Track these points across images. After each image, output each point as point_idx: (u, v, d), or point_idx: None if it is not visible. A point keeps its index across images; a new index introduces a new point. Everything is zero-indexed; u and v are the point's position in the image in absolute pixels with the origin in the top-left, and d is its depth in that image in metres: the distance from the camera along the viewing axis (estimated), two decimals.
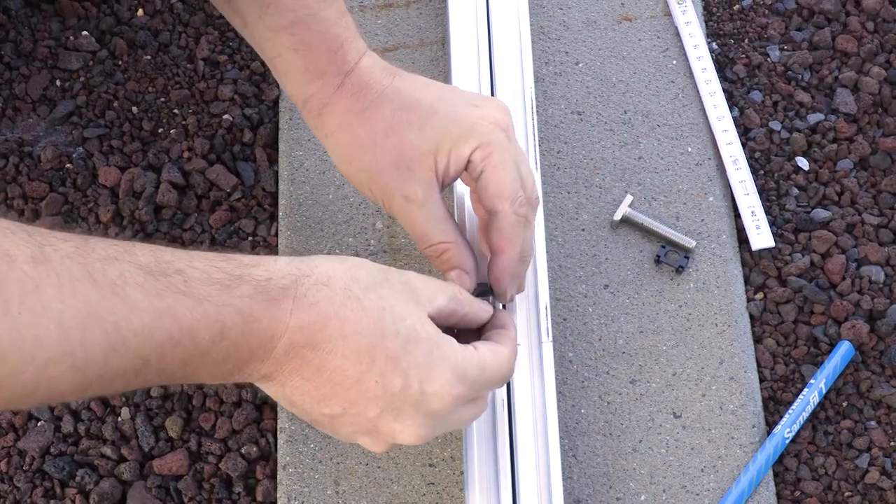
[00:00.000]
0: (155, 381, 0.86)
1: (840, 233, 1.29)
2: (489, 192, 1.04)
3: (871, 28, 1.42)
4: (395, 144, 1.04)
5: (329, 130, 1.07)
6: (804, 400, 1.19)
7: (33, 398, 0.78)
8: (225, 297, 0.86)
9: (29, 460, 1.22)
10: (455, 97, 1.07)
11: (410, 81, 1.07)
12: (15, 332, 0.74)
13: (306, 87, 1.07)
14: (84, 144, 1.36)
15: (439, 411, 0.95)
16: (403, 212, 1.06)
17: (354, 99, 1.06)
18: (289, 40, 1.05)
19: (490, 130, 1.04)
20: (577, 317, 1.24)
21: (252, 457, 1.20)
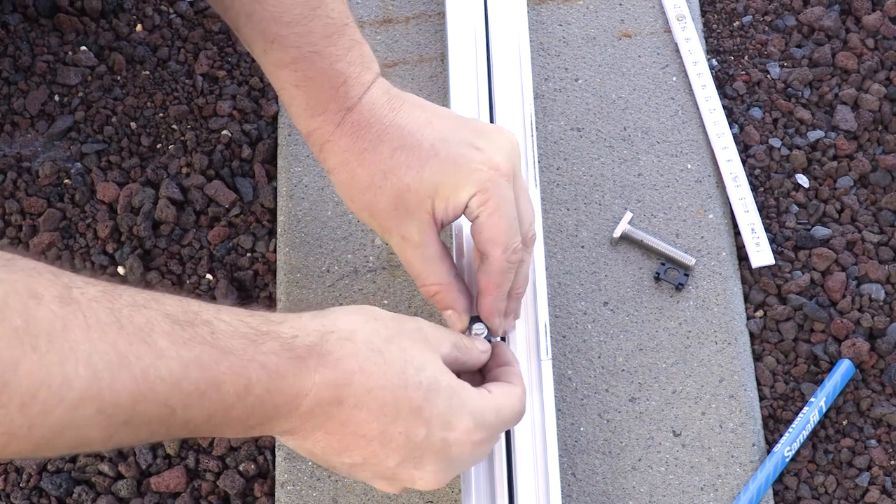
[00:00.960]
0: (178, 434, 0.85)
1: (840, 250, 1.29)
2: (483, 237, 1.04)
3: (871, 45, 1.42)
4: (393, 186, 1.04)
5: (330, 167, 1.08)
6: (804, 418, 1.19)
7: (61, 442, 0.77)
8: (251, 352, 0.86)
9: (26, 477, 1.21)
10: (457, 137, 1.06)
11: (414, 117, 1.06)
12: (43, 369, 0.74)
13: (308, 122, 1.07)
14: (82, 160, 1.36)
15: (459, 456, 0.97)
16: (400, 250, 1.08)
17: (354, 138, 1.06)
18: (291, 76, 1.05)
19: (488, 177, 1.03)
20: (576, 334, 1.24)
21: (250, 474, 1.20)
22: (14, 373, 0.73)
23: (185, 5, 1.46)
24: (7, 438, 0.74)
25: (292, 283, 1.27)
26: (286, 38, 1.04)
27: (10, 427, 0.74)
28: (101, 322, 0.78)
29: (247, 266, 1.30)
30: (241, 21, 1.05)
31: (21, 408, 0.73)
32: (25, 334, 0.74)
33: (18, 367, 0.73)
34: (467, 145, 1.05)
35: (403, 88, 1.34)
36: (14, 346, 0.73)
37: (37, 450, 0.77)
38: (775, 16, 1.45)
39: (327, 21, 1.04)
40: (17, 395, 0.73)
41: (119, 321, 0.79)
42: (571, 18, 1.42)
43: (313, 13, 1.04)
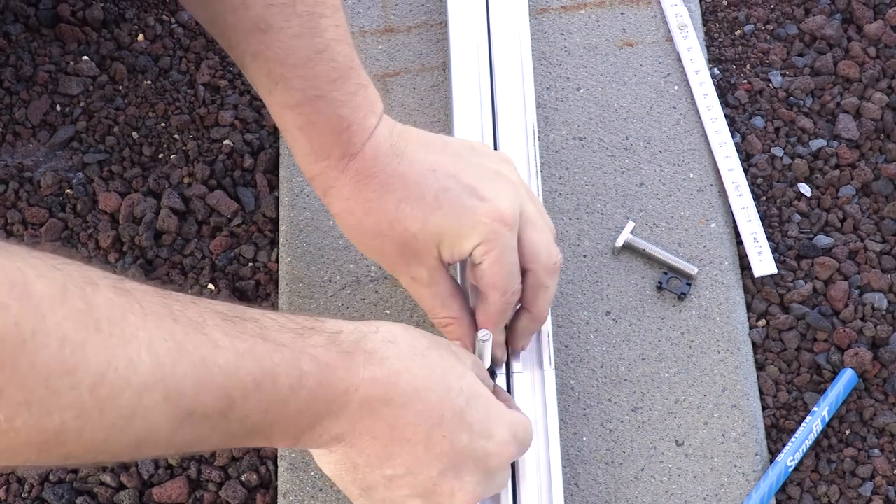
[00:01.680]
0: (237, 432, 0.85)
1: (843, 259, 1.29)
2: (484, 281, 1.07)
3: (872, 53, 1.42)
4: (400, 235, 1.06)
5: (335, 211, 1.09)
6: (807, 428, 1.19)
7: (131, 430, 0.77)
8: (300, 345, 0.87)
9: (28, 487, 1.21)
10: (460, 185, 1.07)
11: (417, 163, 1.07)
12: (109, 351, 0.74)
13: (312, 167, 1.08)
14: (84, 170, 1.36)
15: (496, 469, 0.99)
16: (411, 289, 1.11)
17: (359, 187, 1.07)
18: (296, 119, 1.05)
19: (491, 230, 1.05)
20: (578, 344, 1.24)
21: (252, 484, 1.20)
22: (83, 353, 0.72)
23: (187, 15, 1.46)
24: (81, 422, 0.74)
25: (294, 293, 1.27)
26: (291, 80, 1.04)
27: (83, 410, 0.73)
28: (156, 312, 0.79)
29: (248, 276, 1.30)
30: (246, 60, 1.05)
31: (91, 389, 0.73)
32: (88, 316, 0.73)
33: (86, 348, 0.73)
34: (471, 195, 1.06)
35: (405, 98, 1.35)
36: (80, 327, 0.73)
37: (108, 439, 0.76)
38: (777, 25, 1.45)
39: (332, 65, 1.04)
40: (87, 377, 0.73)
41: (172, 313, 0.80)
42: (573, 28, 1.42)
43: (319, 56, 1.03)
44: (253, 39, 1.03)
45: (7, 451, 0.73)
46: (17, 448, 0.73)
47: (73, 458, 0.77)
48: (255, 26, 1.02)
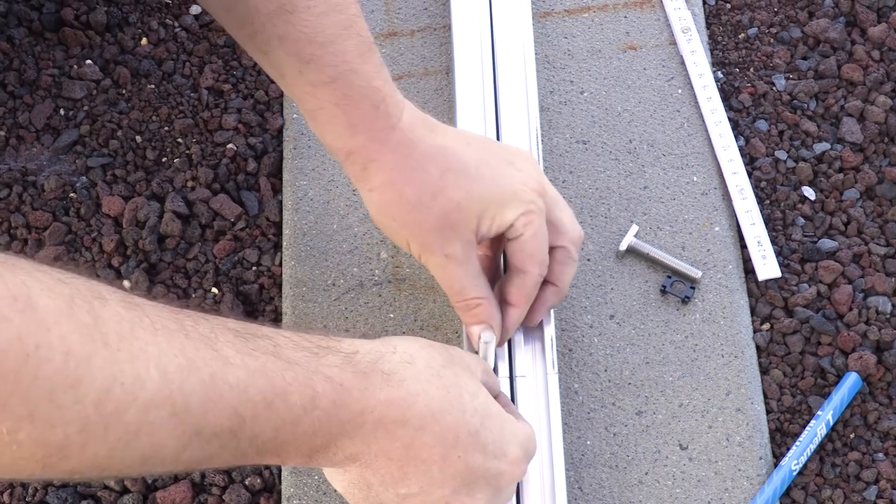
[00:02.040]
0: (246, 452, 0.84)
1: (847, 263, 1.29)
2: (525, 254, 1.09)
3: (876, 57, 1.42)
4: (442, 206, 1.06)
5: (374, 185, 1.07)
6: (811, 432, 1.19)
7: (137, 446, 0.76)
8: (314, 365, 0.87)
9: (32, 492, 1.21)
10: (495, 158, 1.09)
11: (452, 138, 1.09)
12: (116, 365, 0.73)
13: (349, 142, 1.06)
14: (88, 174, 1.36)
15: (506, 487, 0.99)
16: (442, 268, 1.09)
17: (401, 157, 1.06)
18: (331, 95, 1.05)
19: (532, 198, 1.08)
20: (582, 347, 1.23)
21: (256, 489, 1.20)
22: (88, 367, 0.72)
23: (191, 19, 1.46)
24: (84, 437, 0.73)
25: (298, 297, 1.27)
26: (322, 57, 1.03)
27: (87, 424, 0.73)
28: (166, 327, 0.78)
29: (252, 280, 1.30)
30: (272, 44, 1.04)
31: (96, 404, 0.72)
32: (95, 331, 0.73)
33: (91, 362, 0.72)
34: (508, 165, 1.09)
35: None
36: (86, 341, 0.72)
37: (112, 454, 0.76)
38: (781, 28, 1.45)
39: (359, 39, 1.05)
40: (91, 391, 0.72)
41: (184, 328, 0.79)
42: (577, 31, 1.42)
43: (346, 32, 1.04)
44: (279, 20, 1.03)
45: (11, 464, 0.73)
46: (20, 462, 0.72)
47: (78, 472, 0.76)
48: (280, 8, 1.02)
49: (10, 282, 0.70)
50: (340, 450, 0.89)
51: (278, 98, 1.40)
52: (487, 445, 0.95)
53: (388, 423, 0.90)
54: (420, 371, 0.94)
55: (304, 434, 0.86)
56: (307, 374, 0.85)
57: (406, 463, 0.92)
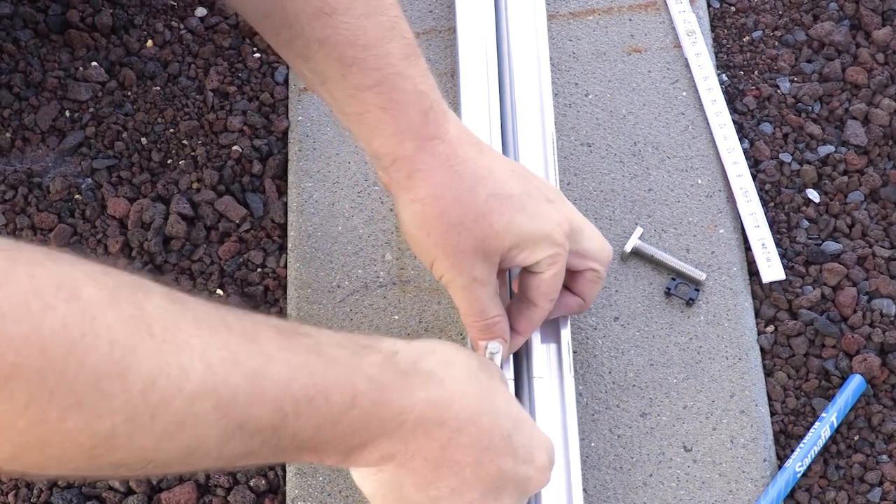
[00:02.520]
0: (286, 448, 0.84)
1: (851, 265, 1.29)
2: (541, 290, 1.10)
3: (881, 60, 1.42)
4: (481, 230, 1.05)
5: (418, 196, 1.05)
6: (815, 434, 1.19)
7: (181, 437, 0.76)
8: (355, 363, 0.87)
9: (37, 493, 1.21)
10: (536, 192, 1.09)
11: (498, 163, 1.08)
12: (161, 356, 0.74)
13: (397, 148, 1.04)
14: (93, 175, 1.36)
15: (531, 493, 0.99)
16: (467, 289, 1.08)
17: (451, 173, 1.05)
18: (376, 99, 1.02)
19: (562, 241, 1.08)
20: (587, 349, 1.24)
21: (260, 490, 1.20)
22: (134, 356, 0.72)
23: (196, 21, 1.46)
24: (131, 427, 0.73)
25: (303, 299, 1.27)
26: (365, 60, 1.01)
27: (134, 414, 0.73)
28: (210, 321, 0.78)
29: (257, 281, 1.30)
30: (311, 49, 1.02)
31: (143, 394, 0.73)
32: (140, 321, 0.73)
33: (137, 352, 0.72)
34: (545, 200, 1.08)
35: None
36: (131, 331, 0.72)
37: (158, 445, 0.76)
38: (785, 31, 1.45)
39: (404, 41, 1.03)
40: (138, 380, 0.72)
41: (226, 323, 0.80)
42: (581, 34, 1.42)
43: (390, 34, 1.02)
44: (318, 24, 1.01)
45: (59, 456, 0.73)
46: (68, 453, 0.73)
47: (124, 465, 0.77)
48: (318, 11, 1.00)
49: (54, 272, 0.70)
50: (378, 449, 0.89)
51: (283, 100, 1.41)
52: (518, 450, 0.95)
53: (427, 423, 0.90)
54: (459, 373, 0.94)
55: (343, 433, 0.86)
56: (348, 373, 0.85)
57: (441, 464, 0.92)
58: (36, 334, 0.68)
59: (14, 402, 0.68)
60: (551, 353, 1.17)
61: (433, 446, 0.91)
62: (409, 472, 0.92)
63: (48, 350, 0.68)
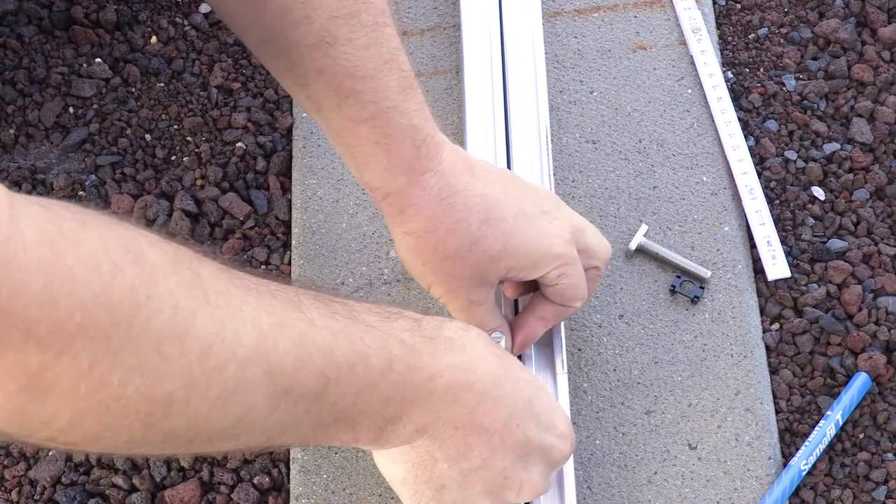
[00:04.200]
0: (326, 418, 0.86)
1: (856, 263, 1.29)
2: (565, 297, 1.11)
3: (886, 57, 1.42)
4: (476, 257, 1.06)
5: (411, 230, 1.06)
6: (821, 432, 1.18)
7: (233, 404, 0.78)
8: (388, 328, 0.89)
9: (40, 490, 1.21)
10: (530, 207, 1.09)
11: (491, 185, 1.08)
12: (217, 322, 0.75)
13: (389, 183, 1.04)
14: (97, 172, 1.36)
15: (557, 462, 1.02)
16: (464, 311, 1.09)
17: (443, 205, 1.05)
18: (371, 132, 1.03)
19: (563, 251, 1.08)
20: (591, 347, 1.23)
21: (264, 487, 1.20)
22: (193, 321, 0.73)
23: (200, 17, 1.46)
24: (188, 392, 0.74)
25: None
26: (363, 92, 1.01)
27: (191, 379, 0.74)
28: (257, 288, 0.80)
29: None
30: (310, 77, 1.02)
31: (200, 358, 0.74)
32: (197, 287, 0.75)
33: (196, 317, 0.74)
34: (542, 215, 1.09)
35: None
36: (190, 295, 0.74)
37: (211, 413, 0.77)
38: (791, 28, 1.45)
39: (401, 75, 1.03)
40: (196, 345, 0.74)
41: (271, 291, 0.81)
42: (586, 31, 1.42)
43: (387, 66, 1.02)
44: (318, 54, 1.00)
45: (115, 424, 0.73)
46: (125, 419, 0.73)
47: (175, 435, 0.77)
48: (320, 40, 1.00)
49: (121, 235, 0.71)
50: (411, 420, 0.91)
51: (287, 97, 1.40)
52: (540, 416, 0.98)
53: (456, 388, 0.92)
54: (476, 339, 0.97)
55: (380, 400, 0.88)
56: (384, 337, 0.88)
57: (470, 432, 0.93)
58: (105, 295, 0.68)
59: (79, 363, 0.68)
60: (545, 352, 1.17)
61: (462, 413, 0.93)
62: (441, 446, 0.93)
63: (115, 311, 0.69)
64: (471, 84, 1.32)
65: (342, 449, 1.19)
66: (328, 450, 1.19)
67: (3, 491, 1.22)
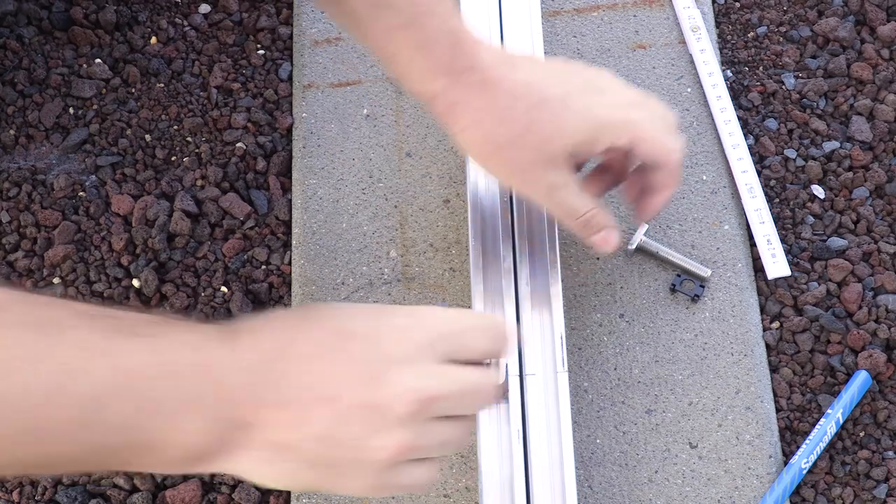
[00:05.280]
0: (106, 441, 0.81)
1: (856, 261, 1.29)
2: (649, 155, 1.12)
3: (886, 56, 1.42)
4: (535, 141, 1.07)
5: (461, 127, 1.09)
6: (821, 430, 1.19)
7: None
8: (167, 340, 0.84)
9: (41, 490, 1.21)
10: (578, 87, 1.10)
11: (535, 73, 1.10)
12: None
13: (431, 85, 1.07)
14: (97, 172, 1.36)
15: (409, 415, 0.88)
16: (548, 196, 1.12)
17: (486, 98, 1.07)
18: (407, 38, 1.06)
19: (621, 117, 1.10)
20: (592, 346, 1.23)
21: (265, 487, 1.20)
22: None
23: (200, 18, 1.46)
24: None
25: (307, 296, 1.27)
26: (397, 2, 1.04)
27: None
28: None
29: (262, 278, 1.30)
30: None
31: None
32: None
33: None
34: (591, 90, 1.10)
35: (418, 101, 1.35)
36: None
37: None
38: (790, 27, 1.45)
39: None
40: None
41: None
42: (586, 30, 1.42)
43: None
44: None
45: None
46: None
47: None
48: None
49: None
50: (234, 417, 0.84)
51: (287, 97, 1.41)
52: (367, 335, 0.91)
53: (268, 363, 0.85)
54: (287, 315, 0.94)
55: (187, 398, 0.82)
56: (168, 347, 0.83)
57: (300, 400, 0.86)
58: None
59: None
60: (545, 350, 1.17)
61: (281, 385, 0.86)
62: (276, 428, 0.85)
63: None
64: None
65: None
66: None
67: (4, 491, 1.22)
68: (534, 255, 1.20)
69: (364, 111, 1.38)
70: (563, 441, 1.12)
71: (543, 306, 1.17)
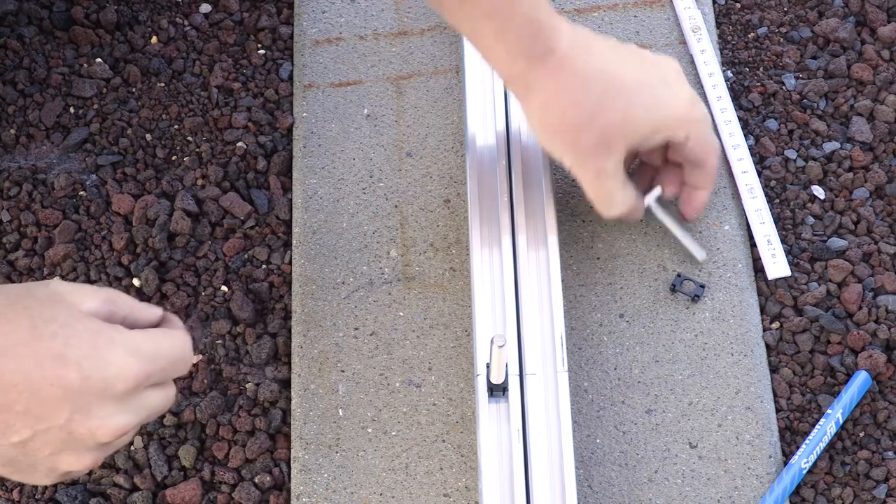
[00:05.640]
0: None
1: (856, 262, 1.29)
2: (695, 154, 1.20)
3: (886, 56, 1.42)
4: (599, 127, 1.13)
5: (536, 107, 1.15)
6: (821, 430, 1.19)
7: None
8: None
9: (41, 489, 1.21)
10: (650, 77, 1.17)
11: (611, 60, 1.15)
12: None
13: (511, 68, 1.14)
14: (97, 172, 1.36)
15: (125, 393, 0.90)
16: (594, 180, 1.18)
17: (563, 81, 1.13)
18: (490, 26, 1.12)
19: (682, 114, 1.17)
20: (592, 346, 1.23)
21: (265, 486, 1.20)
22: None
23: (201, 17, 1.46)
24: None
25: (307, 295, 1.27)
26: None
27: None
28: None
29: (262, 278, 1.30)
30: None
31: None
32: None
33: None
34: (660, 82, 1.17)
35: (418, 101, 1.35)
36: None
37: None
38: (790, 27, 1.45)
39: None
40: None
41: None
42: None
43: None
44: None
45: None
46: None
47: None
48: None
49: None
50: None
51: (288, 97, 1.41)
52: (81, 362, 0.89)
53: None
54: None
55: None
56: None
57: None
58: None
59: None
60: (545, 350, 1.17)
61: None
62: None
63: None
64: (471, 84, 1.32)
65: (343, 448, 1.19)
66: (329, 449, 1.19)
67: (4, 490, 1.22)
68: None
69: (364, 111, 1.38)
70: (563, 441, 1.12)
71: (543, 306, 1.18)
